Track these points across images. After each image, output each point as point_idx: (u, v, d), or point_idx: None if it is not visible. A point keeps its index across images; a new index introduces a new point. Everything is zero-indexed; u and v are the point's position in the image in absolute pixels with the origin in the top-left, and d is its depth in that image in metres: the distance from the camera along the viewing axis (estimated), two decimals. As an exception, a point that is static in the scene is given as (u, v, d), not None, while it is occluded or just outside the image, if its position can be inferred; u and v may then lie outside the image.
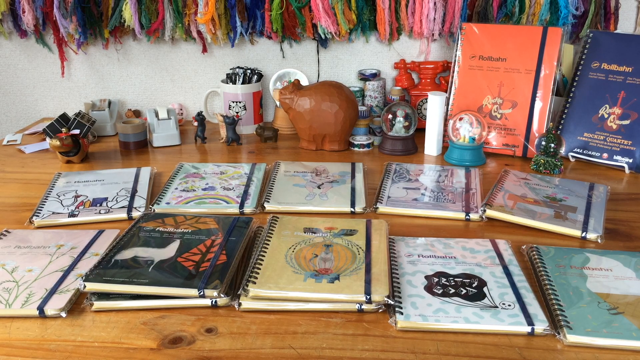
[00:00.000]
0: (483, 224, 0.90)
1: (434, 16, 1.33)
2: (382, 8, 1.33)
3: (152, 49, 1.48)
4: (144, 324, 0.65)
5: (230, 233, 0.81)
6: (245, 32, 1.39)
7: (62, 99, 1.54)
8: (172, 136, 1.30)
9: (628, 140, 1.14)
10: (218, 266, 0.72)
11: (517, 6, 1.31)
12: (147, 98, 1.54)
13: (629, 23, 1.39)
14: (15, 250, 0.79)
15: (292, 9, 1.35)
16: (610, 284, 0.71)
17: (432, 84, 1.40)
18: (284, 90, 1.24)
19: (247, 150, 1.28)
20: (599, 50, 1.21)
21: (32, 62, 1.50)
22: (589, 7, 1.31)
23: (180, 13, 1.36)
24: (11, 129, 1.57)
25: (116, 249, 0.76)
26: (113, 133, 1.39)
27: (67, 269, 0.74)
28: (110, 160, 1.21)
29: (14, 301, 0.67)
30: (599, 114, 1.18)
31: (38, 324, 0.65)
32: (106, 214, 0.92)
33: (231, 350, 0.60)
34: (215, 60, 1.49)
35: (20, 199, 1.00)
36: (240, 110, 1.39)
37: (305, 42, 1.46)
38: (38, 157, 1.24)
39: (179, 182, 1.04)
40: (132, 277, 0.69)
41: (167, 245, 0.77)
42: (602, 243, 0.83)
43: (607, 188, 1.01)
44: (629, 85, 1.16)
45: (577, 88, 1.22)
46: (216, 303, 0.67)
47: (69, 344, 0.61)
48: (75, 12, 1.34)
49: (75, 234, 0.85)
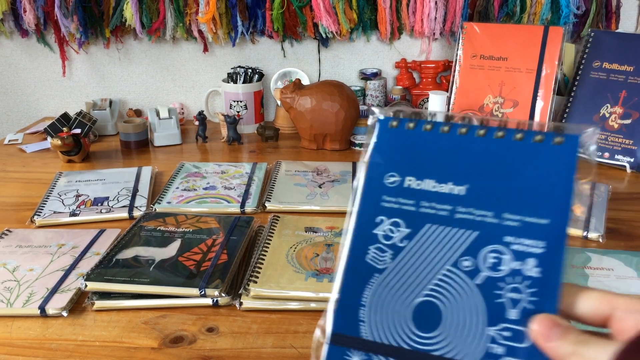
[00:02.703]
0: (484, 224, 0.90)
1: (435, 15, 1.33)
2: (383, 7, 1.33)
3: (153, 49, 1.48)
4: (145, 323, 0.65)
5: (231, 232, 0.81)
6: (246, 31, 1.39)
7: (63, 99, 1.54)
8: (173, 135, 1.30)
9: (629, 140, 1.14)
10: (219, 265, 0.72)
11: (518, 5, 1.31)
12: (148, 97, 1.54)
13: (631, 22, 1.39)
14: (16, 250, 0.79)
15: (293, 8, 1.35)
16: (612, 284, 0.71)
17: (433, 84, 1.40)
18: (285, 89, 1.24)
19: (248, 150, 1.28)
20: (600, 49, 1.21)
21: (34, 61, 1.50)
22: (590, 7, 1.31)
23: (182, 12, 1.36)
24: (12, 128, 1.57)
25: (117, 248, 0.76)
26: (114, 132, 1.40)
27: (68, 268, 0.74)
28: (111, 160, 1.22)
29: (15, 300, 0.67)
30: (600, 113, 1.18)
31: (39, 323, 0.65)
32: (107, 214, 0.92)
33: (232, 349, 0.60)
34: (216, 59, 1.49)
35: (22, 198, 1.00)
36: (241, 110, 1.39)
37: (306, 41, 1.46)
38: (39, 157, 1.24)
39: (180, 182, 1.04)
40: (133, 276, 0.69)
41: (168, 245, 0.77)
42: (603, 242, 0.83)
43: (608, 187, 1.01)
44: (630, 84, 1.16)
45: (579, 87, 1.21)
46: (217, 302, 0.67)
47: (70, 343, 0.61)
48: (76, 12, 1.34)
49: (76, 234, 0.85)
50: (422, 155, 0.37)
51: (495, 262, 0.34)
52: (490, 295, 0.33)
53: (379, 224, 0.37)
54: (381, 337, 0.34)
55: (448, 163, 0.37)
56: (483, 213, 0.35)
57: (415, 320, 0.34)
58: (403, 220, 0.36)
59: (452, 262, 0.35)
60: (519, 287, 0.33)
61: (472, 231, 0.35)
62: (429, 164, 0.37)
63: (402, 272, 0.35)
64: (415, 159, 0.37)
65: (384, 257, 0.36)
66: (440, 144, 0.37)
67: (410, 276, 0.35)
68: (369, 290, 0.35)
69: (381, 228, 0.36)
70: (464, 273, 0.34)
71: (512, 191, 0.35)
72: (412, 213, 0.36)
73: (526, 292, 0.33)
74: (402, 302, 0.35)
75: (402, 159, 0.38)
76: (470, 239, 0.35)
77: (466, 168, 0.36)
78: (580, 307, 0.33)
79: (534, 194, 0.34)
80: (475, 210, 0.35)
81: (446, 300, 0.34)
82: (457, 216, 0.35)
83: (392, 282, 0.35)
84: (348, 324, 0.35)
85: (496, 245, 0.34)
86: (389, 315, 0.35)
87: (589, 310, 0.33)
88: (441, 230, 0.35)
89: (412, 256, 0.35)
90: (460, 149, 0.37)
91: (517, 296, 0.33)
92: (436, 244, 0.35)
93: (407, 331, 0.34)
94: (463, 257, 0.34)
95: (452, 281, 0.34)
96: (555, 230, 0.33)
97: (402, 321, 0.34)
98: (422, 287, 0.35)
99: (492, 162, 0.36)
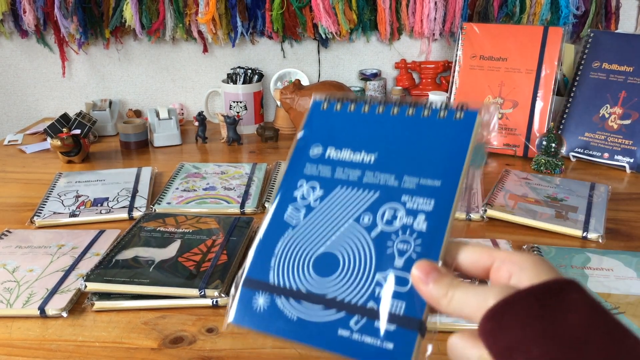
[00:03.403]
0: (484, 224, 0.90)
1: (435, 16, 1.33)
2: (383, 8, 1.33)
3: (153, 49, 1.48)
4: (145, 324, 0.65)
5: (231, 233, 0.81)
6: (246, 32, 1.39)
7: (63, 99, 1.54)
8: (173, 136, 1.30)
9: (629, 140, 1.14)
10: (219, 266, 0.72)
11: (518, 6, 1.31)
12: (148, 98, 1.54)
13: (630, 23, 1.39)
14: (16, 250, 0.79)
15: (292, 9, 1.35)
16: (611, 284, 0.71)
17: (433, 84, 1.40)
18: (284, 90, 1.24)
19: (248, 150, 1.28)
20: (600, 50, 1.21)
21: (33, 62, 1.50)
22: (590, 7, 1.31)
23: (181, 13, 1.36)
24: (12, 128, 1.57)
25: (117, 248, 0.76)
26: (114, 133, 1.40)
27: (68, 268, 0.74)
28: (111, 160, 1.22)
29: (15, 301, 0.67)
30: (599, 113, 1.18)
31: (39, 324, 0.65)
32: (107, 214, 0.92)
33: (232, 350, 0.60)
34: (216, 60, 1.49)
35: (21, 199, 1.00)
36: (241, 110, 1.39)
37: (306, 42, 1.46)
38: (39, 157, 1.24)
39: (179, 182, 1.04)
40: (133, 277, 0.69)
41: (168, 245, 0.77)
42: (603, 243, 0.83)
43: (608, 188, 1.01)
44: (629, 85, 1.16)
45: (578, 88, 1.22)
46: (217, 303, 0.67)
47: (69, 343, 0.61)
48: (76, 12, 1.34)
49: (76, 234, 0.85)
50: (343, 131, 0.44)
51: (390, 218, 0.39)
52: (382, 246, 0.38)
53: (299, 187, 0.43)
54: (284, 281, 0.39)
55: (363, 136, 0.43)
56: (387, 176, 0.41)
57: (315, 267, 0.39)
58: (319, 183, 0.42)
59: (355, 217, 0.40)
60: (408, 240, 0.38)
61: (375, 191, 0.40)
62: (348, 137, 0.43)
63: (310, 227, 0.41)
64: (337, 133, 0.44)
65: (298, 215, 0.41)
66: (359, 121, 0.44)
67: (316, 231, 0.40)
68: (281, 242, 0.41)
69: (300, 190, 0.42)
70: (363, 228, 0.39)
71: (414, 158, 0.40)
72: (327, 179, 0.42)
73: (413, 243, 0.38)
74: (307, 253, 0.40)
75: (326, 134, 0.44)
76: (373, 199, 0.40)
77: (378, 140, 0.42)
78: (462, 259, 0.37)
79: (432, 160, 0.40)
80: (380, 174, 0.41)
81: (345, 250, 0.39)
82: (365, 180, 0.41)
83: (301, 236, 0.41)
84: (260, 270, 0.40)
85: (393, 203, 0.39)
86: (293, 264, 0.40)
87: (470, 261, 0.36)
88: (349, 191, 0.41)
89: (321, 214, 0.41)
90: (376, 125, 0.43)
91: (404, 247, 0.38)
92: (343, 203, 0.41)
93: (307, 276, 0.39)
94: (364, 214, 0.40)
95: (351, 235, 0.39)
96: (445, 191, 0.39)
97: (304, 268, 0.39)
98: (325, 239, 0.40)
99: (401, 135, 0.42)
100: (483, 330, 0.31)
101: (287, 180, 0.43)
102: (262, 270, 0.40)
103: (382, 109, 0.43)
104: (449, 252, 0.37)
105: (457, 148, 0.39)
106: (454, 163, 0.39)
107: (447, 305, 0.34)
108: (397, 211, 0.39)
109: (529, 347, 0.29)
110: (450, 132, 0.40)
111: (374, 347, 0.35)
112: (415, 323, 0.35)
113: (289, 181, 0.43)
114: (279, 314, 0.38)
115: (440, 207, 0.38)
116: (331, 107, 0.45)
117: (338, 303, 0.37)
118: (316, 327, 0.37)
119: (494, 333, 0.30)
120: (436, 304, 0.34)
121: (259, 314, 0.39)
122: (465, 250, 0.37)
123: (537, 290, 0.31)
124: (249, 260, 0.41)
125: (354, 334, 0.36)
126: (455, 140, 0.40)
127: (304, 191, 0.42)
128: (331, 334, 0.37)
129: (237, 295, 0.40)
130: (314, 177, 0.42)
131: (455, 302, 0.34)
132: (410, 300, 0.36)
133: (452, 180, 0.39)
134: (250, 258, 0.41)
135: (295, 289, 0.39)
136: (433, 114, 0.41)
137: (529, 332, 0.29)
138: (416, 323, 0.35)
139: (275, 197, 0.43)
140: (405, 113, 0.42)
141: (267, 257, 0.41)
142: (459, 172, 0.39)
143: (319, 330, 0.37)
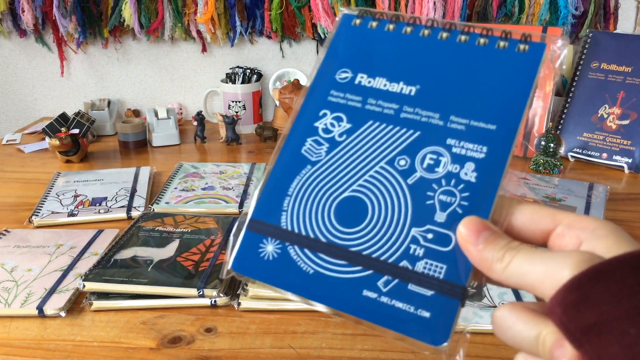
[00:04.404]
0: (482, 224, 0.90)
1: (434, 16, 1.33)
2: (382, 8, 1.33)
3: (152, 49, 1.48)
4: (143, 324, 0.65)
5: (229, 232, 0.81)
6: (244, 31, 1.39)
7: (62, 99, 1.54)
8: (172, 136, 1.30)
9: (627, 140, 1.14)
10: (217, 266, 0.72)
11: (517, 6, 1.31)
12: (146, 97, 1.54)
13: (629, 23, 1.39)
14: (14, 250, 0.79)
15: (291, 9, 1.35)
16: (610, 284, 0.71)
17: (432, 84, 1.40)
18: (283, 89, 1.24)
19: (246, 150, 1.28)
20: (599, 50, 1.21)
21: (32, 61, 1.50)
22: (589, 7, 1.32)
23: (180, 12, 1.36)
24: (10, 128, 1.56)
25: (115, 248, 0.76)
26: (112, 132, 1.39)
27: (67, 268, 0.74)
28: (109, 160, 1.21)
29: (13, 301, 0.67)
30: (598, 114, 1.18)
31: (37, 324, 0.64)
32: (105, 214, 0.92)
33: (231, 349, 0.60)
34: (215, 59, 1.49)
35: (20, 198, 1.00)
36: (239, 110, 1.39)
37: (305, 41, 1.46)
38: (37, 157, 1.24)
39: (178, 182, 1.04)
40: (132, 276, 0.69)
41: (166, 245, 0.77)
42: (601, 243, 0.83)
43: (606, 188, 1.01)
44: (628, 85, 1.16)
45: (577, 88, 1.22)
46: (215, 303, 0.67)
47: (68, 343, 0.61)
48: (74, 12, 1.34)
49: (74, 234, 0.85)
50: (379, 54, 0.36)
51: (432, 163, 0.33)
52: (420, 196, 0.32)
53: (322, 118, 0.36)
54: (300, 227, 0.33)
55: (403, 63, 0.36)
56: (430, 114, 0.34)
57: (338, 214, 0.33)
58: (346, 115, 0.35)
59: (388, 160, 0.33)
60: (453, 191, 0.32)
61: (415, 131, 0.34)
62: (384, 62, 0.36)
63: (334, 166, 0.34)
64: (371, 57, 0.36)
65: (320, 150, 0.35)
66: (399, 44, 0.36)
67: (342, 171, 0.34)
68: (298, 180, 0.34)
69: (323, 121, 0.35)
70: (397, 172, 0.33)
71: (465, 95, 0.34)
72: (357, 109, 0.35)
73: (459, 195, 0.31)
74: (329, 195, 0.34)
75: (357, 56, 0.37)
76: (411, 139, 0.34)
77: (421, 69, 0.35)
78: (517, 219, 0.30)
79: (487, 99, 0.33)
80: (422, 111, 0.34)
81: (374, 197, 0.33)
82: (403, 115, 0.34)
83: (323, 175, 0.34)
84: (269, 211, 0.34)
85: (437, 147, 0.33)
86: (312, 207, 0.33)
87: (527, 222, 0.30)
88: (383, 127, 0.34)
89: (348, 151, 0.34)
90: (419, 51, 0.36)
91: (448, 199, 0.32)
92: (375, 141, 0.34)
93: (328, 224, 0.33)
94: (400, 156, 0.33)
95: (384, 179, 0.33)
96: (501, 137, 0.32)
97: (325, 214, 0.33)
98: (352, 182, 0.34)
99: (449, 65, 0.35)
100: (562, 302, 0.25)
101: (306, 108, 0.36)
102: (272, 212, 0.34)
103: (428, 32, 0.36)
104: (499, 209, 0.31)
105: (518, 87, 0.33)
106: (514, 104, 0.33)
107: (502, 271, 0.28)
108: (441, 156, 0.33)
109: (623, 325, 0.23)
110: (512, 66, 0.33)
111: (406, 314, 0.30)
112: (458, 290, 0.30)
113: (309, 109, 0.36)
114: (291, 265, 0.32)
115: (494, 155, 0.32)
116: (364, 24, 0.37)
117: (364, 259, 0.32)
118: (337, 285, 0.31)
119: (578, 307, 0.25)
120: (487, 269, 0.29)
121: (266, 263, 0.33)
122: (521, 209, 0.30)
123: (633, 260, 0.25)
124: (255, 200, 0.34)
125: (382, 297, 0.31)
126: (517, 77, 0.33)
127: (327, 122, 0.35)
128: (354, 295, 0.31)
129: (239, 239, 0.34)
130: (340, 107, 0.36)
131: (513, 268, 0.28)
132: (453, 263, 0.30)
133: (511, 125, 0.33)
134: (256, 197, 0.34)
135: (313, 237, 0.33)
136: (491, 42, 0.34)
137: (624, 308, 0.24)
138: (458, 290, 0.30)
139: (291, 129, 0.36)
140: (456, 38, 0.35)
141: (279, 197, 0.34)
142: (520, 116, 0.33)
143: (340, 288, 0.31)
